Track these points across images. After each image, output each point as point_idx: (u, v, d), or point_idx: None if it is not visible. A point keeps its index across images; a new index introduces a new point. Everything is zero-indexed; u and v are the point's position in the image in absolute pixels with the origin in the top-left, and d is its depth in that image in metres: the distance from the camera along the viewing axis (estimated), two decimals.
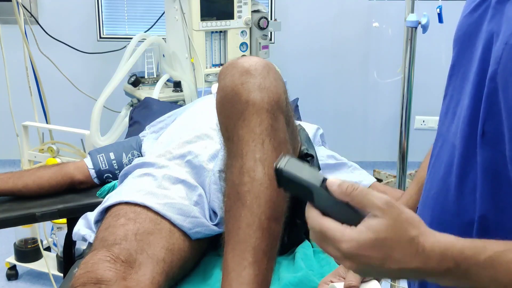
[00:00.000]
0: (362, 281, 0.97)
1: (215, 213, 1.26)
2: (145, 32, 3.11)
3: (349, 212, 0.70)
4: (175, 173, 1.32)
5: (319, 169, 1.36)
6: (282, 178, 0.72)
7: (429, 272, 0.69)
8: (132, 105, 2.58)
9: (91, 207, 1.38)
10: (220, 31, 2.54)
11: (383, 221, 0.67)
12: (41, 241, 2.58)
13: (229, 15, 2.50)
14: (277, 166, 0.71)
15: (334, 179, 0.70)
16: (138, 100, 2.54)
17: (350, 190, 0.69)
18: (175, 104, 2.37)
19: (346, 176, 1.65)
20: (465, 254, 0.68)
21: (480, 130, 0.74)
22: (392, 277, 0.73)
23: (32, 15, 3.03)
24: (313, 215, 0.72)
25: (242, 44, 2.57)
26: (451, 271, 0.68)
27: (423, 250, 0.68)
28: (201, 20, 2.45)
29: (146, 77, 2.68)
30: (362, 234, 0.67)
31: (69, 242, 1.67)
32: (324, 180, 0.71)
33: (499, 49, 0.71)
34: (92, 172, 1.64)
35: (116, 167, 1.64)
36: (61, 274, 2.41)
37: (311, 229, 0.72)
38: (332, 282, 1.00)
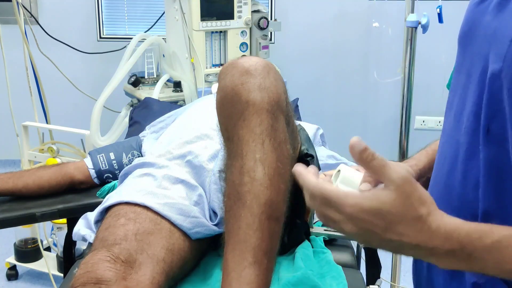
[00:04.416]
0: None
1: (215, 213, 1.26)
2: (145, 32, 3.12)
3: None
4: (175, 173, 1.32)
5: (319, 169, 1.36)
6: None
7: (430, 251, 0.68)
8: (132, 105, 2.58)
9: (91, 207, 1.38)
10: (220, 31, 2.54)
11: (392, 195, 0.67)
12: (41, 241, 2.58)
13: (229, 15, 2.50)
14: None
15: (358, 142, 0.70)
16: (138, 100, 2.54)
17: (369, 159, 0.69)
18: (175, 104, 2.37)
19: None
20: (472, 237, 0.68)
21: (485, 127, 0.74)
22: (392, 249, 0.72)
23: (32, 15, 3.03)
24: (310, 180, 0.72)
25: (242, 44, 2.57)
26: (455, 253, 0.68)
27: (429, 228, 0.67)
28: (201, 20, 2.45)
29: (146, 77, 2.68)
30: (366, 200, 0.68)
31: (69, 242, 1.67)
32: None
33: (504, 46, 0.71)
34: (92, 172, 1.64)
35: (116, 167, 1.64)
36: (61, 274, 2.41)
37: (309, 193, 0.73)
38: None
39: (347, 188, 0.92)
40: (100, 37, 3.58)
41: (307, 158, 1.21)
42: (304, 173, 0.74)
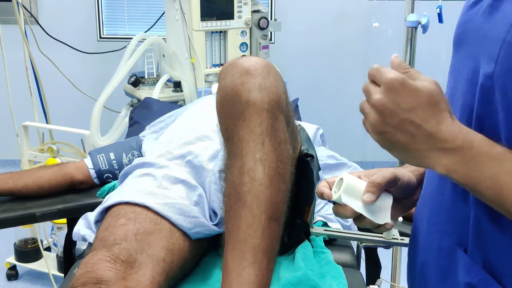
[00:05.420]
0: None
1: (215, 213, 1.26)
2: (145, 32, 3.12)
3: None
4: (175, 173, 1.32)
5: (319, 169, 1.36)
6: None
7: (442, 143, 0.71)
8: (132, 105, 2.58)
9: (91, 207, 1.38)
10: (220, 31, 2.54)
11: (432, 84, 0.72)
12: (41, 241, 2.58)
13: (229, 15, 2.50)
14: None
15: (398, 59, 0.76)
16: (138, 100, 2.54)
17: (407, 68, 0.74)
18: (175, 104, 2.37)
19: None
20: (484, 142, 0.71)
21: (476, 128, 0.75)
22: (405, 135, 0.73)
23: (32, 15, 3.03)
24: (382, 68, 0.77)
25: (242, 44, 2.57)
26: (462, 151, 0.71)
27: (451, 122, 0.72)
28: (201, 20, 2.45)
29: (146, 77, 2.68)
30: (410, 78, 0.73)
31: (69, 242, 1.67)
32: None
33: (496, 48, 0.71)
34: (92, 172, 1.64)
35: (116, 167, 1.64)
36: (61, 274, 2.41)
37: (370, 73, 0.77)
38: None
39: (350, 198, 0.92)
40: (100, 37, 3.58)
41: (307, 158, 1.21)
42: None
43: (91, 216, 1.32)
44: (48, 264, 2.38)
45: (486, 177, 0.70)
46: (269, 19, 2.63)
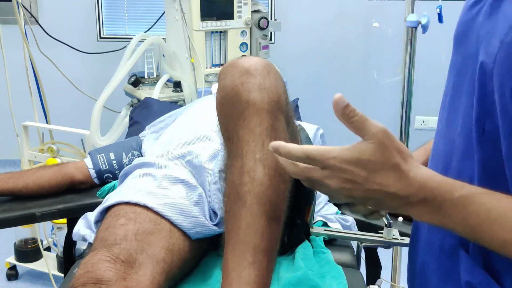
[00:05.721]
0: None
1: (215, 213, 1.26)
2: (145, 32, 3.12)
3: None
4: (175, 173, 1.32)
5: None
6: None
7: (406, 199, 0.72)
8: (132, 105, 2.58)
9: (91, 207, 1.38)
10: (220, 31, 2.54)
11: (371, 145, 0.71)
12: (41, 241, 2.58)
13: (229, 15, 2.51)
14: None
15: (341, 99, 0.72)
16: (138, 100, 2.54)
17: (351, 115, 0.72)
18: (175, 104, 2.37)
19: None
20: (442, 188, 0.71)
21: (480, 128, 0.75)
22: (374, 202, 0.75)
23: (32, 15, 3.03)
24: (291, 146, 0.75)
25: (242, 44, 2.57)
26: (427, 203, 0.71)
27: (406, 176, 0.71)
28: (201, 20, 2.46)
29: (146, 77, 2.68)
30: (347, 151, 0.72)
31: (69, 242, 1.67)
32: None
33: (495, 47, 0.71)
34: (92, 172, 1.64)
35: (116, 167, 1.64)
36: (61, 274, 2.41)
37: (292, 158, 0.74)
38: None
39: None
40: (100, 37, 3.58)
41: None
42: (283, 143, 0.76)
43: (91, 216, 1.32)
44: (48, 264, 2.38)
45: (455, 223, 0.72)
46: (269, 19, 2.64)
